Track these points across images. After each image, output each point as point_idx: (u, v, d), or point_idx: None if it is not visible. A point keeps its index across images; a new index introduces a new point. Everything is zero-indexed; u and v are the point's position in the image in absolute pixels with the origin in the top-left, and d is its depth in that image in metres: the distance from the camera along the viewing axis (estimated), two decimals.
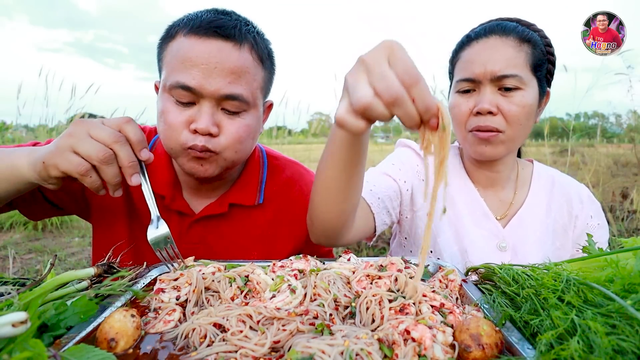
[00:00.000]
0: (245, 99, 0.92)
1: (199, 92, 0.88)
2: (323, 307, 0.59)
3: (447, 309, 0.60)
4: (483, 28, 1.08)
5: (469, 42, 1.08)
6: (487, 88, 1.03)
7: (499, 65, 1.01)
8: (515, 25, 1.06)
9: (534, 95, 1.04)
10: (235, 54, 0.90)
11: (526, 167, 1.26)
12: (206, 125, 0.89)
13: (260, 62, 0.96)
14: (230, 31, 0.91)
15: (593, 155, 6.28)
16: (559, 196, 1.20)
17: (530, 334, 0.54)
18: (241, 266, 0.73)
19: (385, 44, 0.60)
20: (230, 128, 0.93)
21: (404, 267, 0.67)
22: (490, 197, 1.20)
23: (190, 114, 0.90)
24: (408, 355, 0.48)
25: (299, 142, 9.85)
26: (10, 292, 0.57)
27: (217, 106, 0.91)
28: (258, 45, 0.95)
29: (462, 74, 1.06)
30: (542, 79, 1.07)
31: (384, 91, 0.56)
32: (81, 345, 0.49)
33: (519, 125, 1.03)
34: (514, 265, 0.69)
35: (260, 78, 0.97)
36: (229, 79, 0.89)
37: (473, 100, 1.05)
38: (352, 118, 0.60)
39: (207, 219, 1.08)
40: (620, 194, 4.58)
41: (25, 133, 6.74)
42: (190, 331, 0.55)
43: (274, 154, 1.23)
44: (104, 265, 0.72)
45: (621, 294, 0.53)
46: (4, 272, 2.94)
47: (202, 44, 0.89)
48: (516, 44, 1.03)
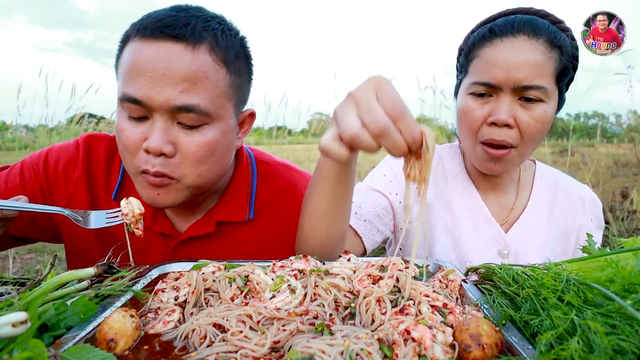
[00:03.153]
0: (204, 110, 0.78)
1: (148, 105, 0.76)
2: (323, 307, 0.59)
3: (447, 309, 0.60)
4: (510, 23, 0.93)
5: (492, 38, 0.94)
6: (507, 97, 0.92)
7: (525, 73, 0.89)
8: (546, 25, 0.93)
9: (554, 108, 0.95)
10: (187, 56, 0.77)
11: (528, 169, 1.19)
12: (157, 143, 0.76)
13: (224, 64, 0.82)
14: (180, 30, 0.77)
15: (593, 155, 6.28)
16: (562, 200, 1.14)
17: (530, 334, 0.54)
18: (241, 266, 0.73)
19: (372, 80, 0.64)
20: (187, 145, 0.79)
21: (405, 267, 0.67)
22: (492, 202, 1.13)
23: (143, 131, 0.79)
24: (408, 355, 0.48)
25: (299, 142, 9.85)
26: (10, 292, 0.57)
27: (171, 120, 0.79)
28: (220, 45, 0.81)
29: (480, 76, 0.95)
30: (563, 89, 0.98)
31: (371, 123, 0.59)
32: (81, 345, 0.49)
33: (533, 141, 0.95)
34: (514, 266, 0.69)
35: (225, 84, 0.82)
36: (180, 87, 0.76)
37: (489, 107, 0.94)
38: (336, 146, 0.62)
39: (194, 240, 0.97)
40: (620, 194, 4.58)
41: (25, 133, 6.74)
42: (190, 332, 0.55)
43: (264, 159, 1.10)
44: (104, 265, 0.72)
45: (621, 294, 0.53)
46: (4, 272, 2.94)
47: (149, 47, 0.76)
48: (546, 49, 0.90)
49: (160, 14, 0.80)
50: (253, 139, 7.88)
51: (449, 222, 1.10)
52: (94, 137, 1.01)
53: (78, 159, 0.96)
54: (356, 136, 0.59)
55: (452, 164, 1.17)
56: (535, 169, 1.19)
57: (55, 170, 0.95)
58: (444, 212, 1.12)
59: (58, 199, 0.95)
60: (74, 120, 5.67)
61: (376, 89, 0.62)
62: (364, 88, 0.62)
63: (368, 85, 0.62)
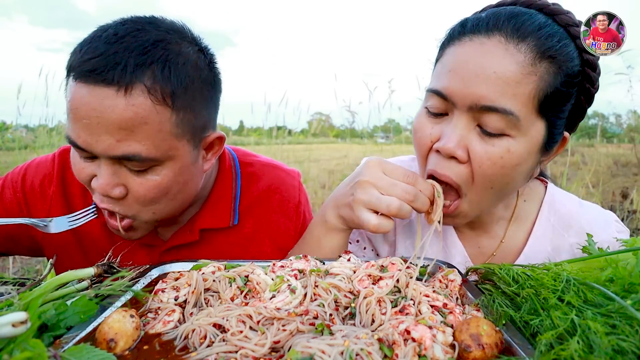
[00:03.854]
0: (147, 157, 0.73)
1: (91, 153, 0.73)
2: (323, 307, 0.59)
3: (447, 309, 0.60)
4: (489, 16, 0.70)
5: (461, 35, 0.72)
6: (462, 119, 0.69)
7: (488, 88, 0.65)
8: (540, 24, 0.68)
9: (529, 148, 0.69)
10: (121, 103, 0.69)
11: (531, 199, 0.88)
12: (103, 188, 0.74)
13: (167, 103, 0.73)
14: (109, 74, 0.68)
15: (593, 155, 6.29)
16: (571, 246, 0.83)
17: (530, 334, 0.54)
18: (241, 266, 0.73)
19: (372, 162, 0.76)
20: (137, 188, 0.75)
21: (405, 267, 0.67)
22: (470, 241, 0.89)
23: (94, 169, 0.76)
24: (408, 355, 0.48)
25: (299, 142, 9.85)
26: (10, 292, 0.57)
27: (118, 164, 0.74)
28: (159, 82, 0.72)
29: (434, 82, 0.73)
30: (556, 122, 0.70)
31: (404, 193, 0.72)
32: (81, 345, 0.49)
33: (488, 189, 0.70)
34: (514, 266, 0.69)
35: (171, 124, 0.75)
36: (117, 136, 0.70)
37: (440, 128, 0.72)
38: (384, 221, 0.74)
39: (178, 249, 0.95)
40: (620, 194, 4.58)
41: (25, 133, 6.74)
42: (190, 332, 0.55)
43: (247, 160, 1.05)
44: (104, 265, 0.72)
45: (621, 294, 0.53)
46: (4, 272, 2.94)
47: (82, 90, 0.70)
48: (528, 60, 0.65)
49: (91, 49, 0.71)
50: (253, 139, 7.88)
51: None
52: (68, 149, 0.96)
53: (53, 174, 0.95)
54: (400, 208, 0.72)
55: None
56: (544, 200, 0.88)
57: (32, 186, 0.95)
58: (411, 251, 0.93)
59: (36, 215, 0.94)
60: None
61: (382, 169, 0.75)
62: (372, 172, 0.75)
63: (373, 168, 0.75)
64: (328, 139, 13.22)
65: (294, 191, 1.05)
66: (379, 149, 7.28)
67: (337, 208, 0.82)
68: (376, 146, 7.94)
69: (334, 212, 0.82)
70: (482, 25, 0.69)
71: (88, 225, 0.89)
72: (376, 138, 9.77)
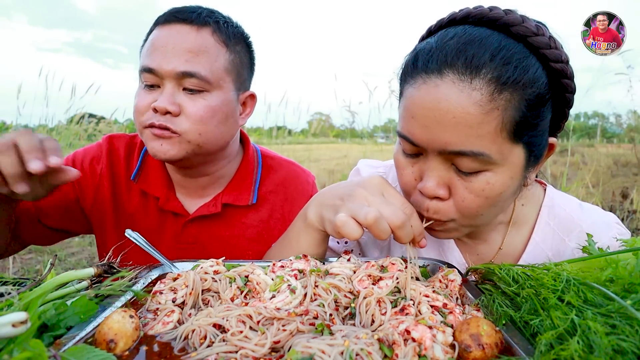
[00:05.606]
0: (204, 77, 0.94)
1: (159, 73, 0.93)
2: (323, 307, 0.59)
3: (447, 309, 0.60)
4: (438, 50, 0.65)
5: (414, 73, 0.68)
6: (436, 161, 0.68)
7: (452, 135, 0.63)
8: (493, 49, 0.62)
9: (512, 174, 0.68)
10: (192, 34, 0.94)
11: (530, 203, 0.87)
12: (164, 103, 0.91)
13: (224, 44, 0.98)
14: (189, 15, 0.96)
15: (593, 155, 6.29)
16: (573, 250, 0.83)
17: (530, 334, 0.54)
18: (241, 266, 0.73)
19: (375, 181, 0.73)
20: (190, 108, 0.94)
21: (405, 267, 0.67)
22: (467, 249, 0.89)
23: (154, 96, 0.94)
24: (408, 355, 0.48)
25: (299, 142, 9.85)
26: (10, 292, 0.57)
27: (178, 87, 0.94)
28: (221, 30, 0.98)
29: (401, 126, 0.71)
30: (535, 139, 0.68)
31: (392, 215, 0.66)
32: (81, 345, 0.49)
33: (478, 216, 0.71)
34: (514, 265, 0.69)
35: (225, 60, 0.98)
36: (185, 57, 0.92)
37: (418, 167, 0.72)
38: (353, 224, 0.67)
39: (201, 219, 1.09)
40: (620, 194, 4.58)
41: None
42: (190, 332, 0.55)
43: (269, 154, 1.22)
44: (104, 265, 0.72)
45: (621, 294, 0.53)
46: (4, 272, 2.94)
47: (164, 29, 0.96)
48: (486, 97, 0.61)
49: (176, 7, 0.99)
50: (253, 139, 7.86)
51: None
52: (114, 136, 1.18)
53: (101, 154, 1.12)
54: (377, 221, 0.64)
55: None
56: (543, 203, 0.86)
57: (82, 166, 1.11)
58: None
59: (86, 190, 1.10)
60: (74, 120, 5.67)
61: (382, 191, 0.71)
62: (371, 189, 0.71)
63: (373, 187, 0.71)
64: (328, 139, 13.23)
65: (307, 186, 1.18)
66: (379, 149, 7.28)
67: (320, 206, 0.78)
68: (376, 146, 7.94)
69: (316, 210, 0.79)
70: (433, 63, 0.65)
71: (140, 213, 1.09)
72: (376, 138, 9.78)
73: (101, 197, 1.10)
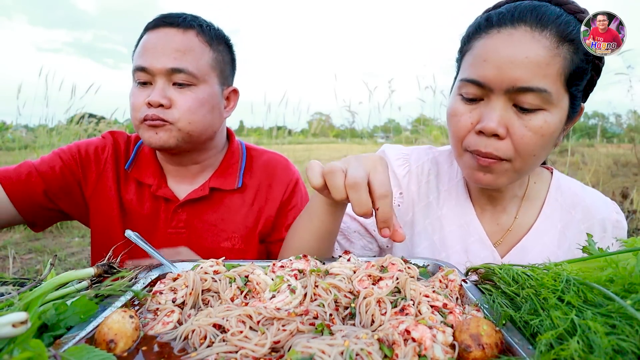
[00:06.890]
0: (192, 72, 1.05)
1: (151, 70, 1.04)
2: (323, 307, 0.59)
3: (447, 309, 0.60)
4: (510, 11, 0.79)
5: (488, 28, 0.80)
6: (499, 100, 0.77)
7: (522, 72, 0.74)
8: (556, 14, 0.77)
9: (561, 118, 0.79)
10: (179, 36, 1.06)
11: (540, 181, 0.99)
12: (157, 97, 1.02)
13: (208, 44, 1.10)
14: (175, 20, 1.08)
15: (593, 155, 6.29)
16: (578, 221, 0.95)
17: (530, 334, 0.54)
18: (241, 266, 0.73)
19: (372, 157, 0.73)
20: (180, 100, 1.05)
21: (404, 267, 0.67)
22: (489, 220, 0.98)
23: (147, 93, 1.05)
24: (408, 355, 0.48)
25: (299, 142, 9.85)
26: (10, 292, 0.57)
27: (168, 82, 1.05)
28: (205, 32, 1.10)
29: (469, 72, 0.81)
30: (577, 95, 0.80)
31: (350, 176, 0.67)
32: (81, 345, 0.49)
33: (531, 156, 0.80)
34: (514, 265, 0.69)
35: (210, 57, 1.10)
36: (174, 55, 1.04)
37: (478, 112, 0.80)
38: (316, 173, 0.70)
39: (191, 204, 1.18)
40: (620, 194, 4.58)
41: (25, 133, 6.74)
42: (190, 332, 0.55)
43: (252, 147, 1.34)
44: (104, 265, 0.72)
45: (621, 294, 0.53)
46: (4, 272, 2.94)
47: (153, 33, 1.08)
48: (553, 44, 0.75)
49: (163, 13, 1.10)
50: (253, 139, 7.88)
51: (436, 242, 0.98)
52: (115, 131, 1.28)
53: (106, 144, 1.22)
54: (333, 173, 0.68)
55: (448, 173, 1.03)
56: (551, 181, 0.99)
57: (87, 153, 1.20)
58: (431, 231, 1.00)
59: (89, 176, 1.18)
60: (74, 120, 5.68)
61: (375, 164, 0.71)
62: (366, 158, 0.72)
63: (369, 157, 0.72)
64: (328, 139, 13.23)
65: (289, 171, 1.28)
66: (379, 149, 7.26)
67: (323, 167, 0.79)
68: (376, 146, 7.94)
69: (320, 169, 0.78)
70: (507, 18, 0.78)
71: (135, 201, 1.17)
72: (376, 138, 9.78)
73: (103, 184, 1.17)
